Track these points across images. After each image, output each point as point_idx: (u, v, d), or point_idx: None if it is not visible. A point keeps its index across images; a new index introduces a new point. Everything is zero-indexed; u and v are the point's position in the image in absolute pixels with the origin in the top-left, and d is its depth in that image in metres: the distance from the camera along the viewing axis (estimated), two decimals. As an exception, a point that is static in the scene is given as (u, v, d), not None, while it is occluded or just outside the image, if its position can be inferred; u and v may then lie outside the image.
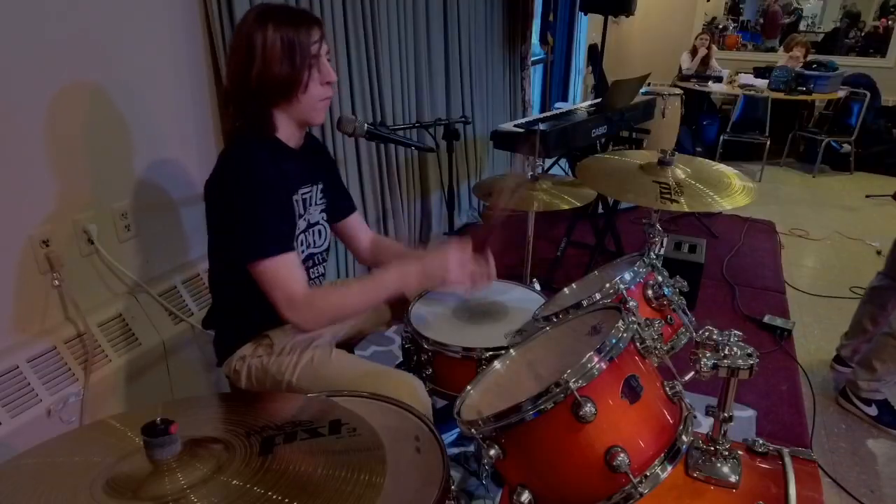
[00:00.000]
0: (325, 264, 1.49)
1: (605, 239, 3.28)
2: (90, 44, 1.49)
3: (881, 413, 2.11)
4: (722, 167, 1.56)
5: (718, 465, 1.03)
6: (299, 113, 1.29)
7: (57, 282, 1.49)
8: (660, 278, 1.29)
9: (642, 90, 3.79)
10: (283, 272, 1.20)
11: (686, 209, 1.39)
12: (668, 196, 1.40)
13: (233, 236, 1.21)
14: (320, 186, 1.41)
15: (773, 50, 6.51)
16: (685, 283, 1.33)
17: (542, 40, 5.00)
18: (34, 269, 1.45)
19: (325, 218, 1.44)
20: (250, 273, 1.20)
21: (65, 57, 1.44)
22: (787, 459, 1.03)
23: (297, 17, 1.23)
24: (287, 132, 1.31)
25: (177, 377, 1.76)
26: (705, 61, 5.94)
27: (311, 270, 1.43)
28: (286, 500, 0.64)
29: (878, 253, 3.57)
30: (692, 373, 0.99)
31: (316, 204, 1.40)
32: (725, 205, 1.38)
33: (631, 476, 0.81)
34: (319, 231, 1.43)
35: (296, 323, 1.21)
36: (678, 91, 4.54)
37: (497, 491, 1.55)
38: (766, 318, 2.72)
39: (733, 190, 1.43)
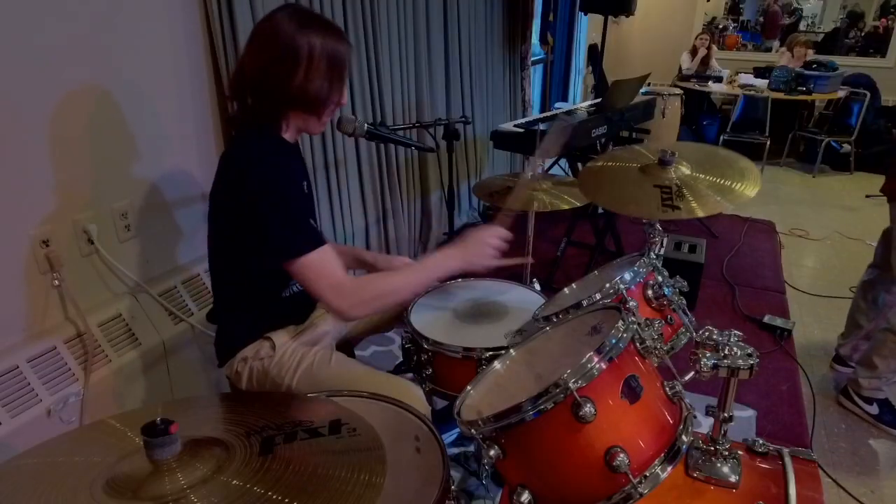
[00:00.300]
0: None
1: (605, 239, 3.28)
2: (90, 44, 1.49)
3: (882, 412, 2.11)
4: (726, 152, 1.51)
5: (718, 465, 1.03)
6: (308, 124, 1.31)
7: (57, 282, 1.49)
8: (660, 278, 1.29)
9: (642, 90, 3.79)
10: (327, 263, 1.21)
11: (685, 216, 1.35)
12: (669, 203, 1.38)
13: (260, 236, 1.20)
14: (305, 183, 1.42)
15: (772, 50, 6.51)
16: (685, 283, 1.33)
17: (542, 40, 5.00)
18: (34, 269, 1.45)
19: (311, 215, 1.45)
20: (289, 271, 1.20)
21: (65, 57, 1.44)
22: (787, 459, 1.03)
23: (340, 35, 1.24)
24: (290, 134, 1.32)
25: (177, 377, 1.76)
26: (705, 61, 5.94)
27: None
28: (286, 500, 0.64)
29: (878, 253, 3.57)
30: (692, 373, 0.99)
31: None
32: (733, 200, 1.32)
33: (631, 476, 0.81)
34: None
35: (342, 310, 1.21)
36: (678, 91, 4.54)
37: (497, 491, 1.55)
38: (766, 318, 2.72)
39: (743, 177, 1.37)
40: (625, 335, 0.88)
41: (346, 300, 1.21)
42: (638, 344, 0.93)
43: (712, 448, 1.04)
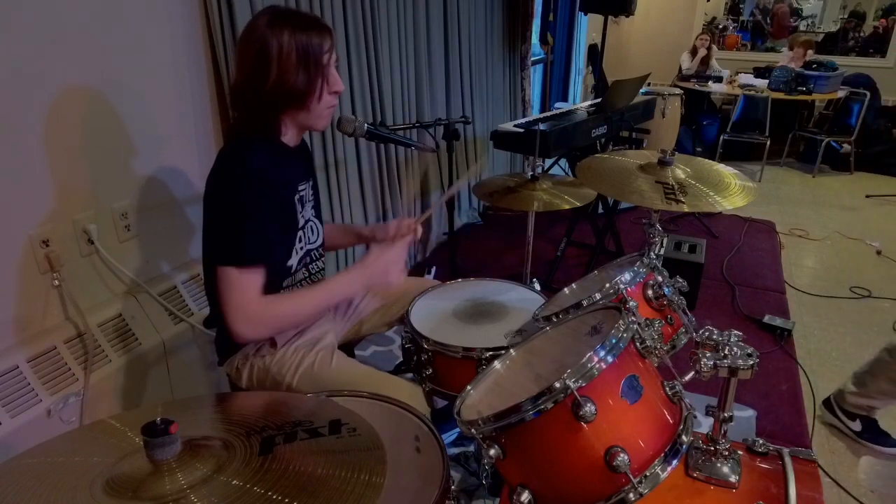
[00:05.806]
0: (322, 259, 1.49)
1: (605, 239, 3.28)
2: (90, 44, 1.49)
3: (864, 429, 2.03)
4: (720, 167, 1.55)
5: (718, 465, 1.03)
6: (306, 119, 1.30)
7: (57, 282, 1.49)
8: (660, 278, 1.29)
9: (642, 90, 3.79)
10: (248, 284, 1.18)
11: (687, 209, 1.39)
12: (672, 197, 1.39)
13: (220, 234, 1.21)
14: (311, 183, 1.42)
15: (775, 50, 6.52)
16: (685, 283, 1.33)
17: (542, 40, 5.00)
18: (34, 269, 1.45)
19: (314, 214, 1.45)
20: (215, 270, 1.19)
21: (65, 57, 1.44)
22: (787, 459, 1.03)
23: (311, 24, 1.23)
24: (289, 135, 1.32)
25: (177, 377, 1.76)
26: (705, 61, 5.94)
27: (310, 266, 1.43)
28: (286, 500, 0.64)
29: (879, 253, 3.57)
30: (692, 373, 0.99)
31: (309, 200, 1.41)
32: (726, 205, 1.37)
33: (631, 476, 0.81)
34: (312, 227, 1.43)
35: (240, 332, 1.19)
36: (678, 91, 4.54)
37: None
38: (766, 318, 2.72)
39: (733, 190, 1.42)
40: (625, 335, 0.88)
41: (246, 324, 1.19)
42: (638, 344, 0.93)
43: (712, 448, 1.04)
